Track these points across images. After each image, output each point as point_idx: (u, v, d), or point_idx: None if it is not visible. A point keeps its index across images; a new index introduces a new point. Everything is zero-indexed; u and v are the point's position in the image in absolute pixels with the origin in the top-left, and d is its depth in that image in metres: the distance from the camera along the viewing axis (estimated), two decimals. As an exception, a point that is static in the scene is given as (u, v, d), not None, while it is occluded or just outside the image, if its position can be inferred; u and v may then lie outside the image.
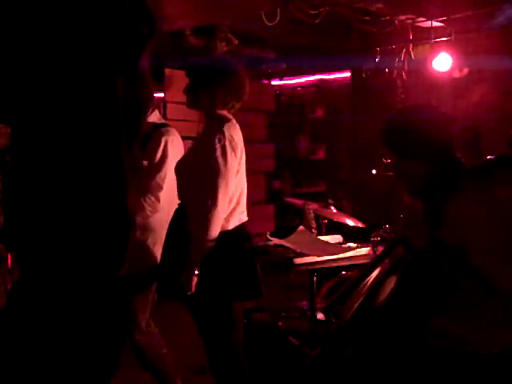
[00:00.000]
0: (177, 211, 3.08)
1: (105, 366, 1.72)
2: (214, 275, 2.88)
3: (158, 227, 3.24)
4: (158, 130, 3.24)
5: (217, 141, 2.83)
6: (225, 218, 2.91)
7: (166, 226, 3.14)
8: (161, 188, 3.24)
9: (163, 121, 3.40)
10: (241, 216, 2.98)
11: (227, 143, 2.83)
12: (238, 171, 2.93)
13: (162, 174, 3.24)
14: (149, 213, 3.23)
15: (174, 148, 3.27)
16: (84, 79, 1.60)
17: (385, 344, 1.96)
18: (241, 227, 2.95)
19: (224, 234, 2.88)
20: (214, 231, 2.82)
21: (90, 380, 1.67)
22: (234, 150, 2.86)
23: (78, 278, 1.63)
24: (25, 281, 1.67)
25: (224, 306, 2.95)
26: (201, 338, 3.04)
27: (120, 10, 1.65)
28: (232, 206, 2.94)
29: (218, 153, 2.82)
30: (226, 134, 2.85)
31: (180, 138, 3.37)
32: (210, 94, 2.94)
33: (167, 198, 3.23)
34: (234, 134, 2.91)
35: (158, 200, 3.22)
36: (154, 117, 3.25)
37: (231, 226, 2.92)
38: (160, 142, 3.22)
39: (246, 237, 3.00)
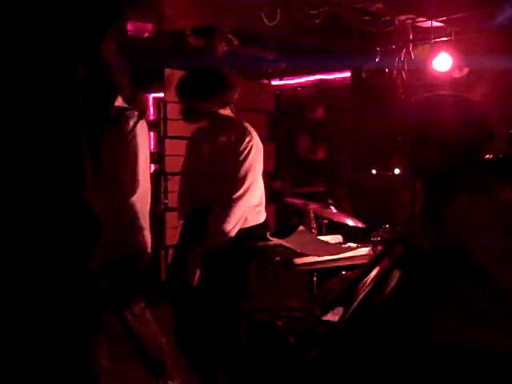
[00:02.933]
0: (191, 215, 3.12)
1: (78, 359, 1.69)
2: (224, 273, 2.96)
3: (135, 214, 3.17)
4: (124, 114, 3.13)
5: (246, 142, 2.97)
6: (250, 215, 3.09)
7: (143, 211, 3.15)
8: (137, 174, 3.13)
9: (126, 105, 3.23)
10: (262, 214, 3.17)
11: (255, 144, 2.98)
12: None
13: (136, 160, 3.13)
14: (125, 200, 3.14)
15: (143, 132, 3.18)
16: (38, 66, 1.54)
17: (385, 343, 1.96)
18: (259, 225, 3.06)
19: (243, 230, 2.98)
20: (235, 228, 2.93)
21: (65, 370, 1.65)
22: (259, 150, 3.01)
23: (43, 278, 1.59)
24: None
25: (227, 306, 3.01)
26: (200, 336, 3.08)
27: None
28: (256, 203, 3.05)
29: (250, 153, 3.04)
30: (253, 134, 2.99)
31: (145, 122, 3.27)
32: (212, 100, 3.05)
33: (141, 186, 3.17)
34: (257, 135, 3.06)
35: (137, 187, 3.14)
36: (117, 101, 3.12)
37: (251, 223, 3.11)
38: (128, 126, 3.11)
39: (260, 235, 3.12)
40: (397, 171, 6.23)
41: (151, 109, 7.56)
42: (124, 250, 3.11)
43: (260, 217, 3.12)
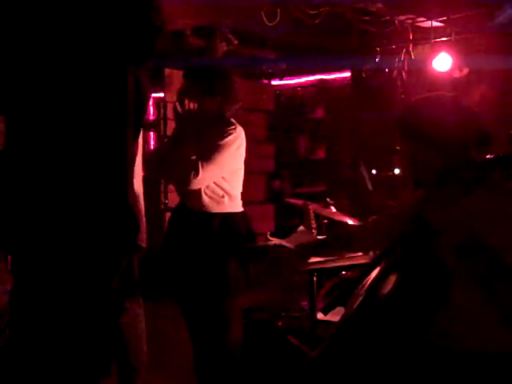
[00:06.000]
0: (175, 210, 3.11)
1: (97, 368, 1.71)
2: (212, 267, 2.94)
3: None
4: None
5: (228, 134, 2.94)
6: (237, 202, 3.07)
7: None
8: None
9: None
10: (239, 204, 3.14)
11: (237, 142, 2.95)
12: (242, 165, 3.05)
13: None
14: None
15: None
16: (94, 70, 1.58)
17: (385, 344, 1.96)
18: (245, 213, 3.06)
19: (233, 214, 2.97)
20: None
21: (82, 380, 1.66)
22: (240, 148, 2.98)
23: (77, 279, 1.61)
24: (23, 284, 1.64)
25: (219, 302, 2.99)
26: (192, 337, 3.07)
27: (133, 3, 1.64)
28: (239, 194, 3.04)
29: (226, 142, 2.97)
30: (239, 133, 2.98)
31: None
32: (215, 100, 3.03)
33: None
34: (243, 135, 3.03)
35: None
36: None
37: (239, 209, 3.09)
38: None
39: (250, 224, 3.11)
40: (397, 171, 6.23)
41: (151, 109, 7.56)
42: None
43: (238, 206, 3.10)
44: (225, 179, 3.05)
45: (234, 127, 3.02)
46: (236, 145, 3.02)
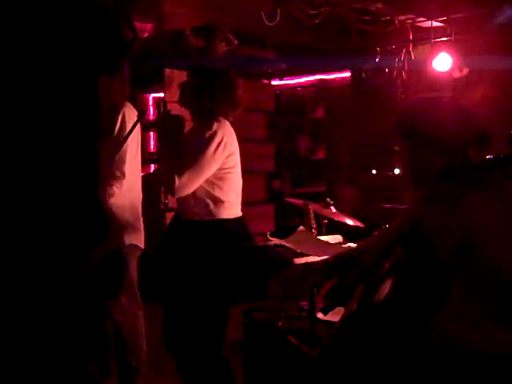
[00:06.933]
0: (173, 219, 3.12)
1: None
2: (213, 273, 2.94)
3: (119, 211, 3.15)
4: (119, 111, 3.03)
5: (207, 136, 2.92)
6: (230, 208, 3.03)
7: (132, 208, 3.14)
8: (122, 171, 3.09)
9: None
10: (239, 209, 3.13)
11: (215, 139, 2.93)
12: (233, 166, 3.03)
13: (122, 154, 3.06)
14: (109, 197, 3.09)
15: (132, 121, 3.07)
16: (62, 78, 1.59)
17: (384, 344, 1.96)
18: (241, 219, 3.05)
19: (223, 221, 2.97)
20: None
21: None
22: (220, 146, 2.95)
23: (41, 272, 1.61)
24: None
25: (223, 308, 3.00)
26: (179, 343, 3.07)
27: (105, 13, 1.65)
28: (233, 199, 3.03)
29: (208, 145, 2.95)
30: (215, 129, 2.98)
31: (135, 111, 3.16)
32: (212, 99, 3.02)
33: (127, 182, 3.13)
34: (226, 131, 3.00)
35: (121, 185, 3.10)
36: None
37: (232, 215, 3.06)
38: (117, 118, 3.02)
39: (245, 230, 3.10)
40: (397, 171, 6.23)
41: (151, 109, 7.56)
42: (109, 244, 3.09)
43: (232, 212, 3.08)
44: (216, 185, 3.01)
45: (211, 126, 2.96)
46: (215, 143, 2.94)
